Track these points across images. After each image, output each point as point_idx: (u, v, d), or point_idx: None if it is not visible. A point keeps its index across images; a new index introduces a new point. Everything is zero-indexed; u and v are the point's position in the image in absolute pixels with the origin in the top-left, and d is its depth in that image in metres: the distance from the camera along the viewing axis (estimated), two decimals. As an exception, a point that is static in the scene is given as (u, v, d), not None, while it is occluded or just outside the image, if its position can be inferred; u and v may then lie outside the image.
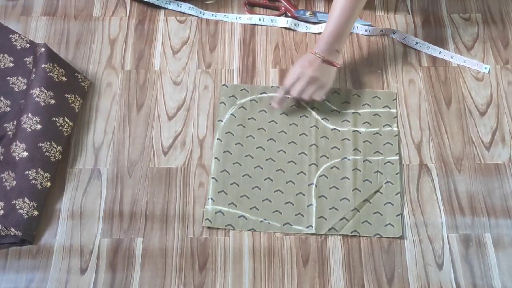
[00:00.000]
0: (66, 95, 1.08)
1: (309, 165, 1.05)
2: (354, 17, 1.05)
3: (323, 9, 1.24)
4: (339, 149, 1.07)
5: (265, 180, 1.04)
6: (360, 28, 1.20)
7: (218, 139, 1.07)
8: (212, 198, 1.02)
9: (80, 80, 1.12)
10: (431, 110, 1.12)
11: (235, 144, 1.07)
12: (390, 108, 1.11)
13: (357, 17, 1.10)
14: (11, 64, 1.12)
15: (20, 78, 1.11)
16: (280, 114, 1.10)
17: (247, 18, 1.22)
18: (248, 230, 1.00)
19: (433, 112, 1.11)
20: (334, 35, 1.05)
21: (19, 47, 1.14)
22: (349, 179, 1.03)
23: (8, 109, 1.08)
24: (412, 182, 1.04)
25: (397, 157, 1.06)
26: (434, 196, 1.03)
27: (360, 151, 1.06)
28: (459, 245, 0.99)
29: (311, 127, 1.09)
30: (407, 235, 0.99)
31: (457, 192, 1.04)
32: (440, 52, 1.17)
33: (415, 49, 1.19)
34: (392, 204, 1.01)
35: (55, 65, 1.09)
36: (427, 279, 0.96)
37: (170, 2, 1.23)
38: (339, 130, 1.09)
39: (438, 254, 0.98)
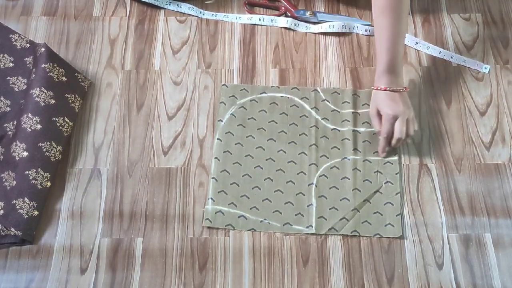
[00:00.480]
0: (66, 95, 1.08)
1: (309, 165, 1.05)
2: (403, 36, 1.02)
3: (323, 9, 1.24)
4: (339, 149, 1.07)
5: (265, 180, 1.04)
6: (360, 28, 1.20)
7: (218, 139, 1.07)
8: (212, 198, 1.02)
9: (80, 80, 1.12)
10: (431, 110, 1.12)
11: (235, 144, 1.07)
12: (390, 108, 1.11)
13: (405, 34, 1.06)
14: (11, 64, 1.12)
15: (20, 78, 1.11)
16: (280, 114, 1.10)
17: (247, 18, 1.22)
18: (248, 230, 1.00)
19: (433, 112, 1.11)
20: (393, 63, 1.02)
21: (19, 47, 1.14)
22: (349, 179, 1.03)
23: (8, 109, 1.08)
24: (412, 182, 1.04)
25: (396, 157, 1.06)
26: (434, 196, 1.03)
27: (360, 151, 1.06)
28: (459, 245, 0.99)
29: (311, 127, 1.09)
30: (407, 235, 0.99)
31: (457, 192, 1.04)
32: (440, 52, 1.17)
33: (415, 49, 1.19)
34: (392, 204, 1.01)
35: (55, 65, 1.09)
36: (427, 279, 0.96)
37: (170, 2, 1.23)
38: (339, 130, 1.09)
39: (438, 254, 0.98)
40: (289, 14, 1.23)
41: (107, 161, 1.06)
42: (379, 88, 1.03)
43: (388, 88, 1.02)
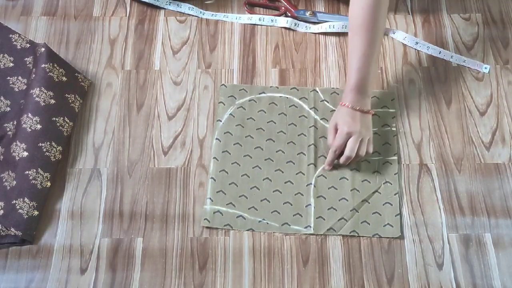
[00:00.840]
0: (66, 95, 1.08)
1: (308, 165, 1.05)
2: (376, 57, 1.02)
3: (323, 9, 1.24)
4: (337, 149, 1.07)
5: (263, 180, 1.04)
6: (360, 28, 1.20)
7: (217, 139, 1.07)
8: (210, 198, 1.02)
9: (80, 80, 1.12)
10: (431, 110, 1.11)
11: (234, 144, 1.07)
12: (389, 108, 1.11)
13: (378, 55, 1.05)
14: (11, 64, 1.12)
15: (20, 78, 1.11)
16: (279, 114, 1.10)
17: (247, 18, 1.22)
18: (247, 230, 1.00)
19: (433, 112, 1.11)
20: (361, 83, 1.01)
21: (19, 47, 1.14)
22: (347, 179, 1.03)
23: (8, 109, 1.08)
24: (412, 182, 1.04)
25: (395, 157, 1.06)
26: (434, 196, 1.03)
27: (359, 151, 1.06)
28: (459, 245, 0.99)
29: (310, 127, 1.09)
30: (407, 235, 0.99)
31: (457, 192, 1.04)
32: (440, 52, 1.17)
33: (415, 49, 1.19)
34: (391, 204, 1.01)
35: (55, 65, 1.09)
36: (427, 279, 0.96)
37: (170, 3, 1.23)
38: (338, 130, 1.09)
39: (438, 254, 0.98)
40: (289, 14, 1.23)
41: (107, 161, 1.06)
42: (343, 105, 1.02)
43: (351, 106, 1.01)
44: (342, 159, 1.02)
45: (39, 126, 1.02)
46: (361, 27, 0.99)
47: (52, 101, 1.05)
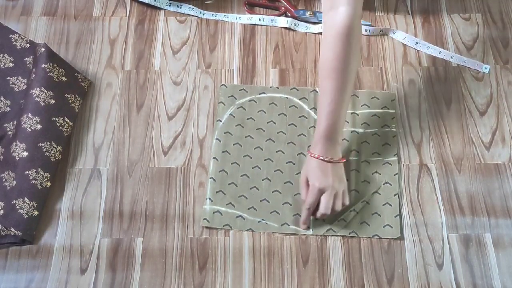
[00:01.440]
0: (66, 95, 1.08)
1: (308, 165, 1.05)
2: (346, 104, 0.96)
3: (323, 9, 1.24)
4: (337, 149, 1.07)
5: (263, 180, 1.04)
6: (360, 28, 1.20)
7: (216, 139, 1.07)
8: (210, 198, 1.02)
9: (80, 80, 1.12)
10: (431, 110, 1.11)
11: (234, 144, 1.07)
12: (388, 109, 1.11)
13: (349, 102, 0.98)
14: (11, 64, 1.12)
15: (20, 78, 1.11)
16: (279, 115, 1.10)
17: (247, 18, 1.22)
18: (246, 230, 1.00)
19: (433, 112, 1.11)
20: (331, 130, 0.95)
21: (19, 47, 1.14)
22: (347, 180, 1.03)
23: (8, 109, 1.08)
24: (412, 182, 1.04)
25: (395, 158, 1.06)
26: (434, 196, 1.03)
27: (358, 152, 1.06)
28: (459, 245, 0.99)
29: (310, 127, 1.09)
30: (407, 235, 0.99)
31: (457, 192, 1.04)
32: (440, 52, 1.17)
33: (415, 49, 1.19)
34: (391, 205, 1.01)
35: (55, 65, 1.09)
36: (427, 279, 0.96)
37: (171, 4, 1.23)
38: (337, 131, 1.09)
39: (438, 254, 0.98)
40: (289, 14, 1.23)
41: (107, 161, 1.06)
42: (312, 155, 0.97)
43: (321, 157, 0.96)
44: (317, 215, 0.97)
45: (39, 126, 1.02)
46: (332, 70, 0.93)
47: (52, 101, 1.06)
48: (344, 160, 0.99)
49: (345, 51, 0.92)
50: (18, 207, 0.97)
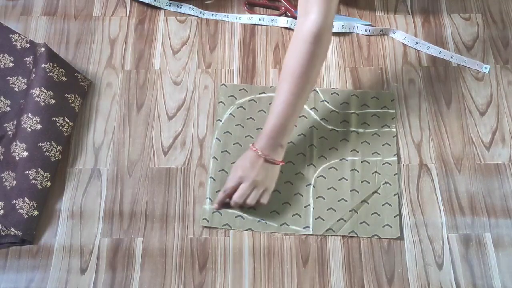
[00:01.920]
0: (66, 95, 1.08)
1: (307, 165, 1.05)
2: (298, 109, 0.97)
3: (323, 9, 1.24)
4: (337, 149, 1.06)
5: (263, 180, 1.04)
6: (360, 28, 1.20)
7: (216, 138, 1.07)
8: (210, 198, 1.02)
9: (80, 80, 1.12)
10: (431, 110, 1.12)
11: (234, 144, 1.07)
12: (388, 109, 1.11)
13: (301, 109, 0.99)
14: (11, 64, 1.12)
15: (20, 78, 1.11)
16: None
17: (247, 18, 1.22)
18: (245, 230, 1.00)
19: (433, 112, 1.11)
20: (277, 130, 0.96)
21: (19, 47, 1.14)
22: (347, 180, 1.03)
23: (8, 109, 1.08)
24: (412, 182, 1.04)
25: (395, 158, 1.06)
26: (434, 196, 1.03)
27: (358, 152, 1.06)
28: (459, 245, 0.99)
29: (310, 127, 1.09)
30: (407, 235, 0.99)
31: (457, 192, 1.04)
32: (440, 52, 1.17)
33: (415, 49, 1.19)
34: (390, 205, 1.01)
35: (55, 65, 1.09)
36: (427, 279, 0.96)
37: (171, 4, 1.23)
38: (337, 131, 1.08)
39: (438, 254, 0.98)
40: (289, 14, 1.23)
41: (107, 161, 1.06)
42: (251, 148, 0.98)
43: (258, 152, 0.97)
44: (231, 203, 0.99)
45: (39, 126, 1.02)
46: (291, 75, 0.94)
47: (52, 101, 1.06)
48: (281, 163, 0.99)
49: (308, 58, 0.94)
50: (18, 207, 0.97)
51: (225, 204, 1.00)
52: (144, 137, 1.09)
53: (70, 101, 1.09)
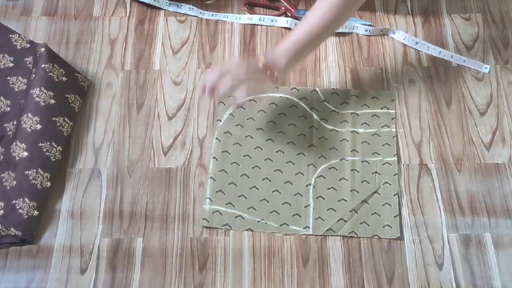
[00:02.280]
0: (66, 95, 1.08)
1: (307, 165, 1.05)
2: (322, 36, 0.98)
3: (323, 9, 1.24)
4: (337, 149, 1.06)
5: (263, 180, 1.04)
6: (360, 28, 1.20)
7: (216, 138, 1.07)
8: (209, 198, 1.02)
9: (80, 80, 1.12)
10: (431, 110, 1.12)
11: (234, 144, 1.07)
12: (388, 109, 1.11)
13: (325, 39, 1.02)
14: (11, 64, 1.12)
15: (20, 78, 1.11)
16: (279, 115, 1.10)
17: (247, 18, 1.22)
18: (245, 230, 1.00)
19: (433, 112, 1.11)
20: (294, 45, 0.96)
21: (19, 47, 1.14)
22: (347, 180, 1.03)
23: (8, 109, 1.08)
24: (412, 182, 1.04)
25: (395, 158, 1.06)
26: (434, 196, 1.03)
27: (358, 152, 1.06)
28: (459, 245, 0.99)
29: (310, 127, 1.09)
30: (407, 235, 0.99)
31: (457, 192, 1.04)
32: (440, 52, 1.17)
33: (415, 49, 1.19)
34: (390, 205, 1.01)
35: (55, 65, 1.09)
36: (427, 279, 0.96)
37: (170, 4, 1.23)
38: (337, 131, 1.08)
39: (438, 254, 0.98)
40: (289, 14, 1.23)
41: (107, 161, 1.06)
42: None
43: (262, 59, 0.96)
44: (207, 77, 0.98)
45: (39, 126, 1.02)
46: (326, 12, 0.95)
47: (52, 101, 1.06)
48: (276, 84, 1.00)
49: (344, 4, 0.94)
50: (18, 207, 0.97)
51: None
52: (144, 137, 1.09)
53: (70, 101, 1.09)
